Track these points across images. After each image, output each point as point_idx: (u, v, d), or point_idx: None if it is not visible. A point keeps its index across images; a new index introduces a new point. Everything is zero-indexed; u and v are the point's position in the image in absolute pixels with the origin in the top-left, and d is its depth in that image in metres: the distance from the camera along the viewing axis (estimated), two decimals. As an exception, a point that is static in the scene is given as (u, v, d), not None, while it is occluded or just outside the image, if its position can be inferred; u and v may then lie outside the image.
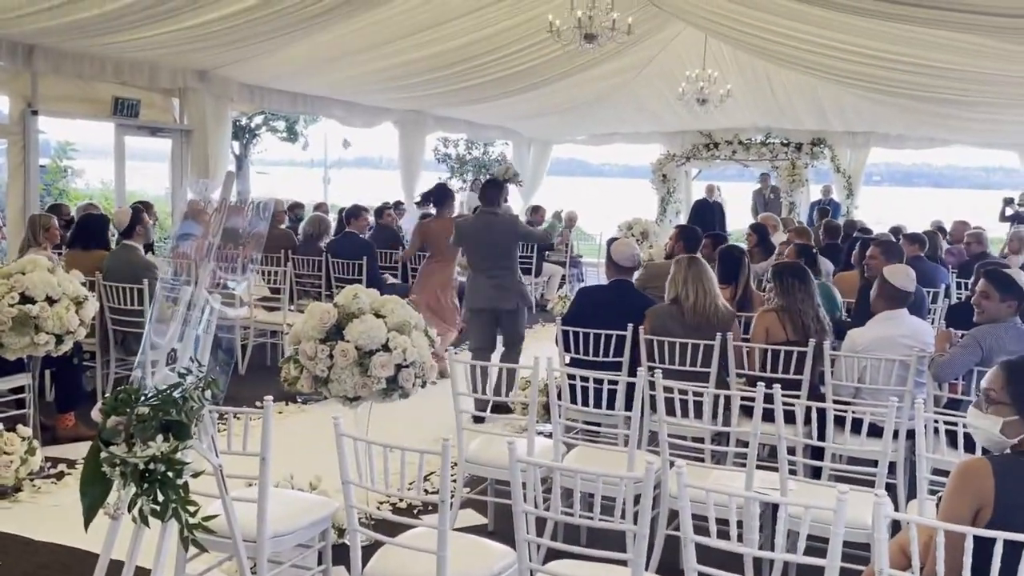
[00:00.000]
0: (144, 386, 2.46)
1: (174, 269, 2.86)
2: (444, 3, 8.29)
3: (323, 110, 12.54)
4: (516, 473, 2.54)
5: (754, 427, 3.51)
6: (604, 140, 17.43)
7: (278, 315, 7.69)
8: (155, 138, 10.42)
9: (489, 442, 4.26)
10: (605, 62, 10.93)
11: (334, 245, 8.79)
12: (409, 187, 14.13)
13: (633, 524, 2.60)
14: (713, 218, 13.57)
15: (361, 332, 3.98)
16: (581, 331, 5.02)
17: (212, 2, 7.03)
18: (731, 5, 8.06)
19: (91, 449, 2.39)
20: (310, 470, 4.35)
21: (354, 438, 2.82)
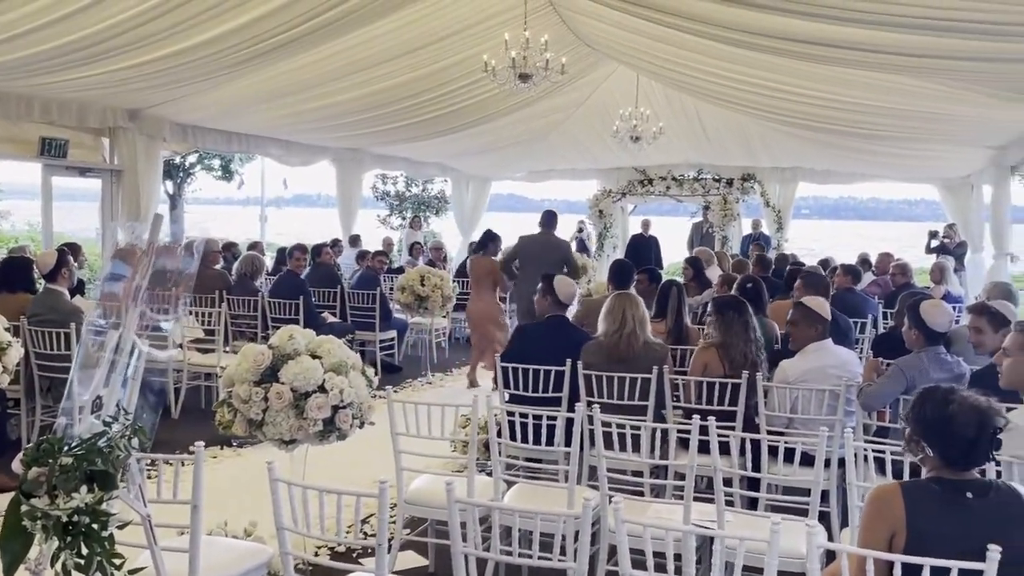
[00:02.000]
0: (68, 435, 2.39)
1: (102, 312, 2.80)
2: (380, 44, 8.34)
3: (259, 149, 12.44)
4: (455, 514, 2.53)
5: (690, 459, 3.55)
6: (542, 177, 17.64)
7: (212, 357, 7.54)
8: (84, 178, 10.19)
9: (429, 482, 4.22)
10: (540, 101, 11.10)
11: (270, 285, 8.69)
12: (347, 225, 14.07)
13: (573, 561, 2.61)
14: (649, 252, 13.81)
15: (296, 374, 3.92)
16: (520, 367, 5.04)
17: (142, 46, 6.95)
18: (660, 45, 8.28)
19: (11, 502, 2.31)
20: (245, 516, 4.26)
21: (288, 483, 2.77)
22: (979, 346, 4.59)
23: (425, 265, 11.15)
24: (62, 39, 6.49)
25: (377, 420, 4.38)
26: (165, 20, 6.48)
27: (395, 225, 18.63)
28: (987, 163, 11.00)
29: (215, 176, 22.71)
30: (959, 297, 9.10)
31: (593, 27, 8.80)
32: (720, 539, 2.45)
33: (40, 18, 6.07)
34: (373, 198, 19.11)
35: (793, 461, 3.85)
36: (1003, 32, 5.26)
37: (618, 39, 8.90)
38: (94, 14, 6.16)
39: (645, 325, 5.08)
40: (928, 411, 2.50)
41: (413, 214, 17.65)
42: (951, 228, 12.69)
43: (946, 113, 8.43)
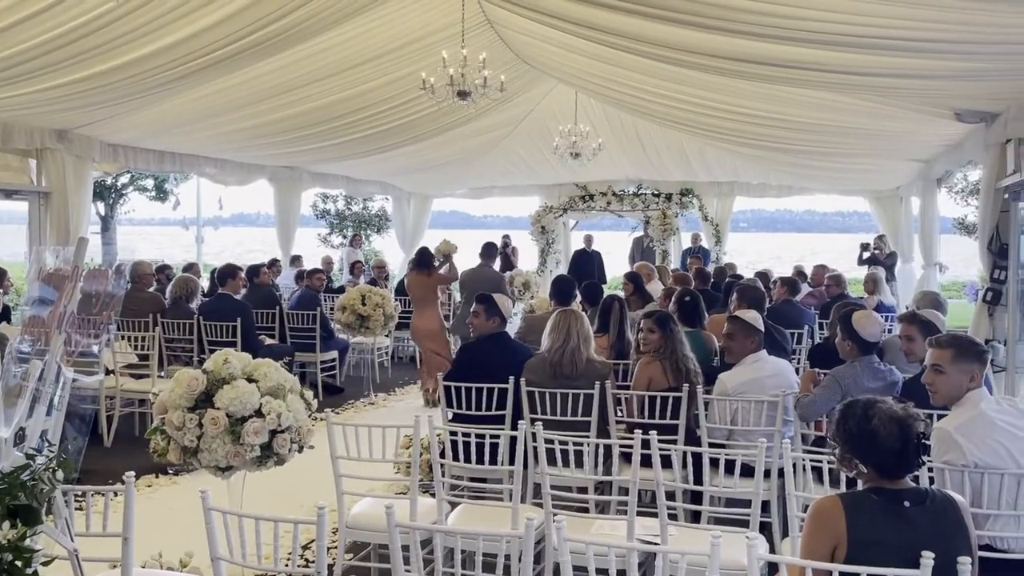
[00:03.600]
0: (-12, 470, 2.29)
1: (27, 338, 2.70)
2: (316, 62, 8.27)
3: (194, 168, 12.20)
4: (395, 538, 2.49)
5: (633, 474, 3.56)
6: (483, 193, 17.65)
7: (147, 382, 7.34)
8: (10, 201, 9.85)
9: (371, 506, 4.16)
10: (480, 118, 11.12)
11: (206, 307, 8.52)
12: (286, 244, 13.87)
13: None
14: (592, 267, 13.89)
15: (232, 398, 3.83)
16: (463, 386, 5.01)
17: (70, 65, 6.76)
18: (594, 63, 8.37)
19: (-73, 542, 2.20)
20: (182, 546, 4.14)
21: (223, 511, 2.70)
22: (910, 354, 4.71)
23: (366, 284, 11.06)
24: (-16, 57, 6.29)
25: (317, 443, 4.31)
26: (94, 38, 6.32)
27: (336, 244, 18.44)
28: (915, 176, 11.35)
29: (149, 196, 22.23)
30: (891, 307, 9.35)
31: (529, 44, 8.87)
32: (663, 554, 2.45)
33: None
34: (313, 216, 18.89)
35: (734, 473, 3.89)
36: (919, 48, 5.43)
37: (554, 56, 8.98)
38: (20, 32, 5.98)
39: (589, 342, 5.10)
40: (852, 427, 2.55)
41: (354, 232, 17.50)
42: (881, 239, 13.04)
43: (874, 128, 8.68)
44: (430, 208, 17.84)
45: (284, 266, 12.94)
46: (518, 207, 31.90)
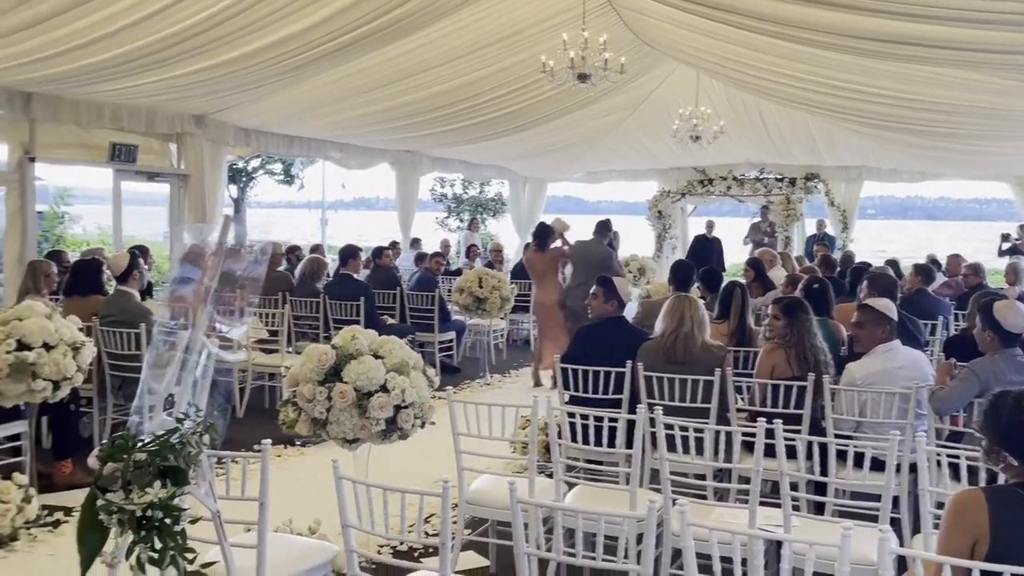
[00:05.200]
0: (141, 432, 2.45)
1: (172, 313, 2.86)
2: (438, 47, 8.40)
3: (320, 152, 12.63)
4: (517, 514, 2.52)
5: (756, 463, 3.48)
6: (599, 178, 17.56)
7: (276, 357, 7.67)
8: (152, 183, 10.46)
9: (490, 482, 4.23)
10: (599, 101, 11.06)
11: (331, 287, 8.81)
12: (405, 227, 14.19)
13: (635, 564, 2.58)
14: (711, 254, 13.62)
15: (359, 373, 3.96)
16: (580, 369, 5.01)
17: (207, 51, 7.11)
18: (721, 44, 8.17)
19: (88, 496, 2.37)
20: (309, 514, 4.31)
21: (353, 481, 2.79)
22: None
23: (483, 267, 11.20)
24: (131, 44, 6.67)
25: (437, 420, 4.41)
26: (229, 25, 6.62)
27: (453, 227, 18.74)
28: (1063, 159, 10.62)
29: (277, 180, 23.13)
30: (1035, 298, 8.78)
31: (653, 26, 8.73)
32: (788, 544, 2.39)
33: (110, 25, 6.26)
34: (431, 200, 19.26)
35: (862, 466, 3.75)
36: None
37: (678, 38, 8.81)
38: (161, 20, 6.32)
39: (704, 327, 5.01)
40: (1002, 418, 2.44)
41: (471, 216, 17.73)
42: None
43: (1018, 109, 8.15)
44: (545, 192, 17.90)
45: (403, 248, 13.25)
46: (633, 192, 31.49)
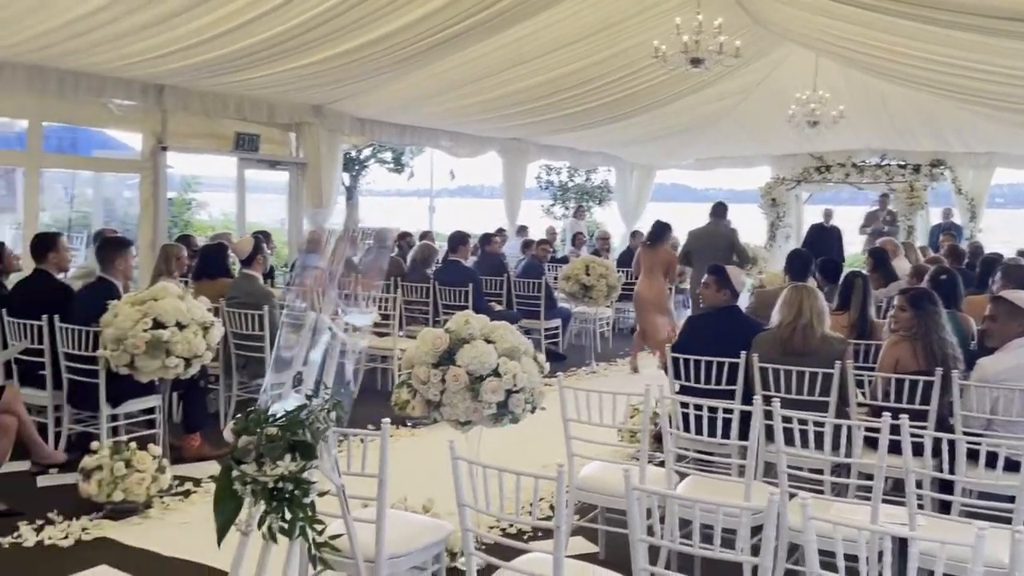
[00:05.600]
0: (272, 408, 2.56)
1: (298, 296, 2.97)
2: (548, 34, 8.40)
3: (430, 141, 12.85)
4: (633, 501, 2.52)
5: (880, 459, 3.37)
6: (709, 165, 17.22)
7: (388, 340, 7.85)
8: (273, 171, 10.88)
9: (600, 469, 4.24)
10: (711, 85, 10.84)
11: (440, 272, 8.97)
12: (512, 214, 14.28)
13: (751, 556, 2.54)
14: (829, 243, 13.15)
15: (472, 357, 4.02)
16: (692, 358, 4.95)
17: (325, 42, 7.34)
18: (840, 24, 7.87)
19: (224, 467, 2.50)
20: (422, 493, 4.42)
21: (469, 462, 2.84)
22: None
23: (589, 255, 11.17)
24: (255, 37, 6.95)
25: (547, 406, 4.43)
26: (346, 17, 6.81)
27: (558, 215, 18.73)
28: None
29: (387, 168, 23.62)
30: None
31: (770, 8, 8.48)
32: (915, 544, 2.31)
33: (236, 19, 6.53)
34: (537, 188, 19.29)
35: (995, 465, 3.57)
36: None
37: (797, 20, 8.54)
38: (283, 13, 6.56)
39: (823, 318, 4.86)
40: None
41: (576, 204, 17.68)
42: None
43: None
44: (653, 180, 17.67)
45: (510, 235, 13.33)
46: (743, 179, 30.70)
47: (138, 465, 4.70)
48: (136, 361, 4.99)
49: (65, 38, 6.61)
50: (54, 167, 11.43)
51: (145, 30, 6.55)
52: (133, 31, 6.55)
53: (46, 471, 5.35)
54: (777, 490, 2.55)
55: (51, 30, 6.43)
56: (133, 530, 4.57)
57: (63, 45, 6.80)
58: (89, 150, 13.41)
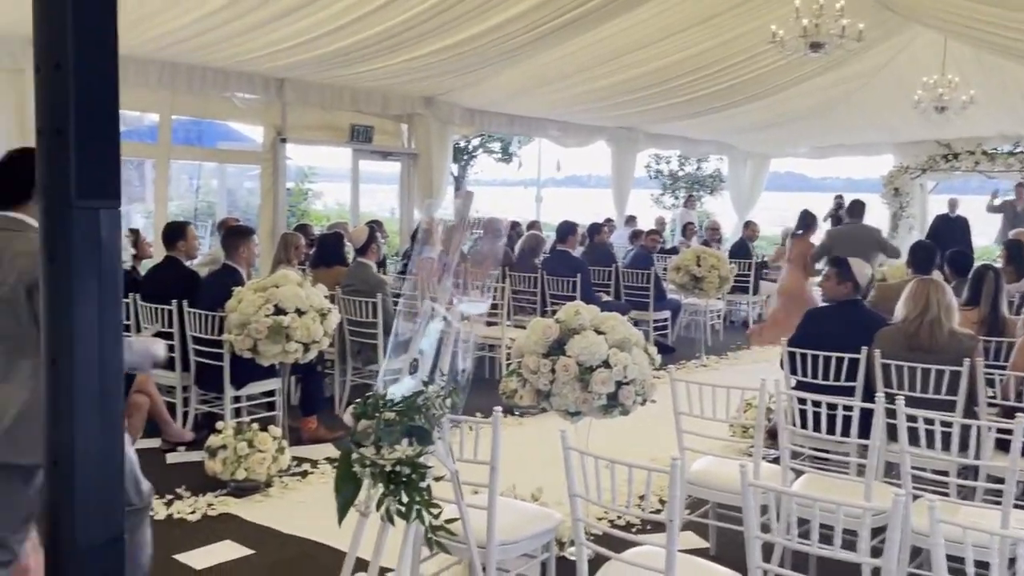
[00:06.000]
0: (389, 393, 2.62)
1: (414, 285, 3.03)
2: (660, 21, 8.28)
3: (538, 131, 12.88)
4: (748, 497, 2.47)
5: (1012, 462, 3.20)
6: (827, 153, 16.63)
7: (496, 330, 7.92)
8: (385, 161, 11.13)
9: (712, 464, 4.16)
10: (831, 70, 10.46)
11: (548, 262, 8.98)
12: (620, 204, 14.16)
13: (871, 558, 2.46)
14: (955, 235, 12.50)
15: (583, 348, 4.01)
16: (809, 353, 4.80)
17: (437, 34, 7.44)
18: (973, 4, 7.45)
19: (344, 450, 2.58)
20: (531, 481, 4.44)
21: (581, 452, 2.84)
22: None
23: (700, 245, 10.98)
24: (371, 30, 7.12)
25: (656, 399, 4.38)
26: (459, 8, 6.89)
27: (667, 205, 18.47)
28: None
29: (495, 158, 23.80)
30: None
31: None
32: (1055, 553, 2.18)
33: (353, 12, 6.70)
34: (646, 177, 19.06)
35: None
36: None
37: (926, 1, 8.14)
38: (397, 6, 6.69)
39: (952, 313, 4.63)
40: None
41: (687, 193, 17.39)
42: None
43: None
44: (767, 169, 17.20)
45: (618, 225, 13.23)
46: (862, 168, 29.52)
47: (260, 445, 4.90)
48: (258, 345, 5.20)
49: (194, 34, 6.94)
50: (182, 159, 12.04)
51: (267, 25, 6.80)
52: (257, 26, 6.82)
53: (175, 449, 5.65)
54: (901, 491, 2.44)
55: (181, 27, 6.76)
56: (255, 507, 4.78)
57: (192, 41, 7.13)
58: (214, 142, 14.03)
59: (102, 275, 1.34)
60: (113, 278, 1.40)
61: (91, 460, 1.36)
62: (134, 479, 2.92)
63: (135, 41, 6.88)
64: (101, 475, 1.40)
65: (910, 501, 3.35)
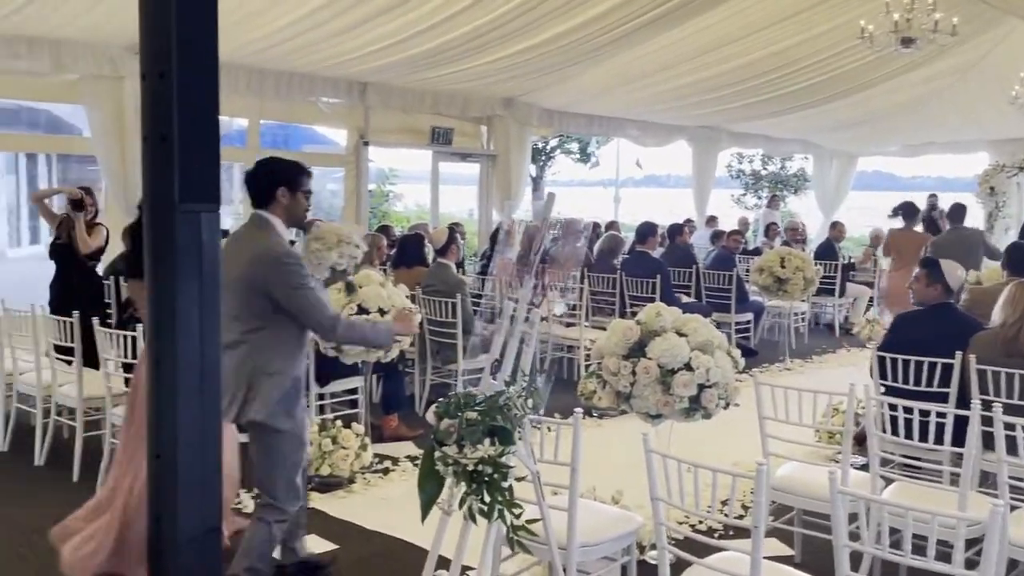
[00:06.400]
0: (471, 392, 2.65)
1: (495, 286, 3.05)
2: (743, 18, 8.14)
3: (617, 131, 12.81)
4: (838, 505, 2.41)
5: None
6: (917, 151, 16.09)
7: (574, 331, 7.90)
8: (465, 163, 11.24)
9: (798, 470, 4.08)
10: (923, 66, 10.11)
11: (627, 263, 8.92)
12: (701, 205, 13.97)
13: (965, 570, 2.37)
14: (1054, 236, 11.94)
15: (664, 350, 3.97)
16: (900, 358, 4.65)
17: (517, 36, 7.48)
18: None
19: (427, 448, 2.62)
20: (610, 484, 4.43)
21: (663, 455, 2.82)
22: None
23: (783, 246, 10.74)
24: (452, 33, 7.21)
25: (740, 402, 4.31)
26: (539, 10, 6.91)
27: (749, 205, 18.12)
28: None
29: (573, 159, 23.75)
30: None
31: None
32: None
33: (436, 16, 6.79)
34: (726, 177, 18.74)
35: None
36: None
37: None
38: (478, 9, 6.75)
39: None
40: None
41: (771, 193, 17.03)
42: None
43: None
44: (854, 168, 16.73)
45: (698, 226, 13.05)
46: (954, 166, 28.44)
47: (343, 442, 5.01)
48: (342, 344, 5.30)
49: (281, 40, 7.13)
50: (269, 162, 12.34)
51: (355, 29, 6.95)
52: (342, 31, 6.97)
53: (262, 444, 5.80)
54: (999, 501, 2.35)
55: (269, 34, 6.96)
56: (338, 503, 4.88)
57: (279, 47, 7.34)
58: (299, 145, 14.39)
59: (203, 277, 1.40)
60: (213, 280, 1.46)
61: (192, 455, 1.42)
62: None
63: (225, 48, 7.10)
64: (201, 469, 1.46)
65: (1008, 512, 3.23)
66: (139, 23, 1.41)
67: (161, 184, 1.41)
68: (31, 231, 19.84)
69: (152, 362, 1.42)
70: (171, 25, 1.35)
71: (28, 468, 5.30)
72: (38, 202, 6.93)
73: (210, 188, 1.43)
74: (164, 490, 1.48)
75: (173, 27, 1.35)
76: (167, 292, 1.43)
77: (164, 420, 1.45)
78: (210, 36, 1.42)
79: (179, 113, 1.38)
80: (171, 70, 1.37)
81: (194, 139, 1.41)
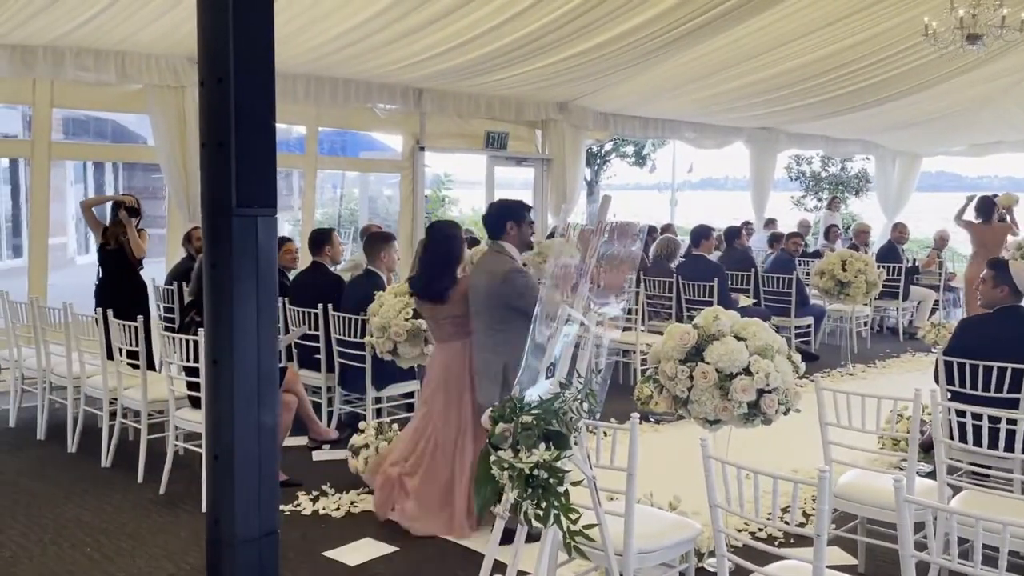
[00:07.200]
0: (526, 395, 2.63)
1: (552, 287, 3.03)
2: (801, 17, 8.00)
3: (673, 133, 12.69)
4: (904, 514, 2.34)
5: None
6: (985, 150, 15.63)
7: (630, 335, 7.82)
8: (520, 167, 11.25)
9: (861, 477, 3.97)
10: (990, 63, 9.80)
11: (683, 267, 8.82)
12: (759, 207, 13.77)
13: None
14: None
15: (722, 354, 3.90)
16: (967, 363, 4.50)
17: (571, 40, 7.46)
18: None
19: (482, 452, 2.61)
20: (667, 490, 4.37)
21: (722, 461, 2.77)
22: None
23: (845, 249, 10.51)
24: (507, 38, 7.22)
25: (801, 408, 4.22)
26: (593, 13, 6.88)
27: (809, 207, 17.79)
28: None
29: (628, 162, 23.62)
30: None
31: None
32: None
33: (490, 21, 6.81)
34: (785, 179, 18.43)
35: None
36: None
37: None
38: (532, 13, 6.75)
39: None
40: None
41: (831, 195, 16.69)
42: None
43: None
44: (918, 168, 16.31)
45: (756, 229, 12.86)
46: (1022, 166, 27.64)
47: (399, 444, 5.02)
48: (398, 348, 5.34)
49: (338, 48, 7.23)
50: (329, 169, 12.56)
51: (407, 36, 7.01)
52: (397, 37, 7.04)
53: (320, 447, 5.88)
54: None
55: (326, 42, 7.06)
56: (394, 506, 4.89)
57: (336, 55, 7.44)
58: (356, 152, 14.58)
59: (259, 280, 1.41)
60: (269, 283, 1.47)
61: (249, 456, 1.44)
62: None
63: (283, 56, 7.23)
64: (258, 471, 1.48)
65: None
66: (197, 31, 1.44)
67: (218, 188, 1.42)
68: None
69: (209, 362, 1.43)
70: (228, 32, 1.36)
71: (95, 469, 5.44)
72: (87, 210, 7.13)
73: (266, 192, 1.44)
74: (223, 492, 1.49)
75: (230, 34, 1.37)
76: (224, 295, 1.44)
77: (222, 422, 1.47)
78: (266, 43, 1.44)
79: (236, 119, 1.39)
80: (228, 76, 1.39)
81: (251, 145, 1.42)
